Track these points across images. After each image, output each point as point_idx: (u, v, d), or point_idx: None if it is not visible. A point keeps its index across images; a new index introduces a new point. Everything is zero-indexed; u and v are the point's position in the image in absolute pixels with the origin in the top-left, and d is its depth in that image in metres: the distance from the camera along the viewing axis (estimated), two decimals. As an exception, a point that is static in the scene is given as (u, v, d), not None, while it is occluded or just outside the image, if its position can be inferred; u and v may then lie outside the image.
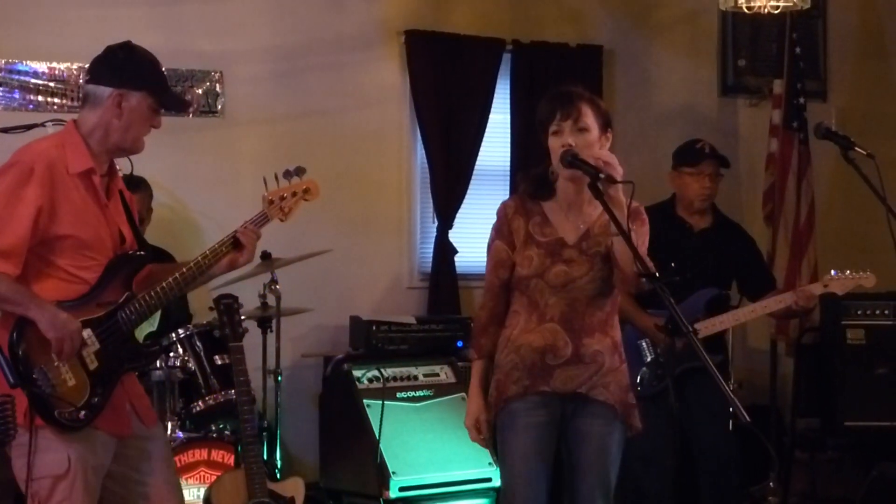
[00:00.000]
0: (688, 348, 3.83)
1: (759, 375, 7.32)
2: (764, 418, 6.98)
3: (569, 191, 4.16)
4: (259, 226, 4.21)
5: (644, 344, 5.65)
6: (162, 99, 4.02)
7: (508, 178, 7.25)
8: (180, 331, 5.62)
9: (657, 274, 3.80)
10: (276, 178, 4.28)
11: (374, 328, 6.51)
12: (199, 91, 6.74)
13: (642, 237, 4.18)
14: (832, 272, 5.60)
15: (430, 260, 7.19)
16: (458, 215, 7.16)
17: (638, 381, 5.49)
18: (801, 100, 7.32)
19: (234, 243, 4.13)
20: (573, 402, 4.20)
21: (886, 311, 6.49)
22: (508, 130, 7.34)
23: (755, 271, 5.95)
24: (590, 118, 4.13)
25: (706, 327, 5.50)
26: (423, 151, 7.16)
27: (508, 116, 7.36)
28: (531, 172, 4.28)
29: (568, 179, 4.12)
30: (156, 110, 3.99)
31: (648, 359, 5.64)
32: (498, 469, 5.57)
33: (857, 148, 4.59)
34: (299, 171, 4.34)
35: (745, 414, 3.50)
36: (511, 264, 4.21)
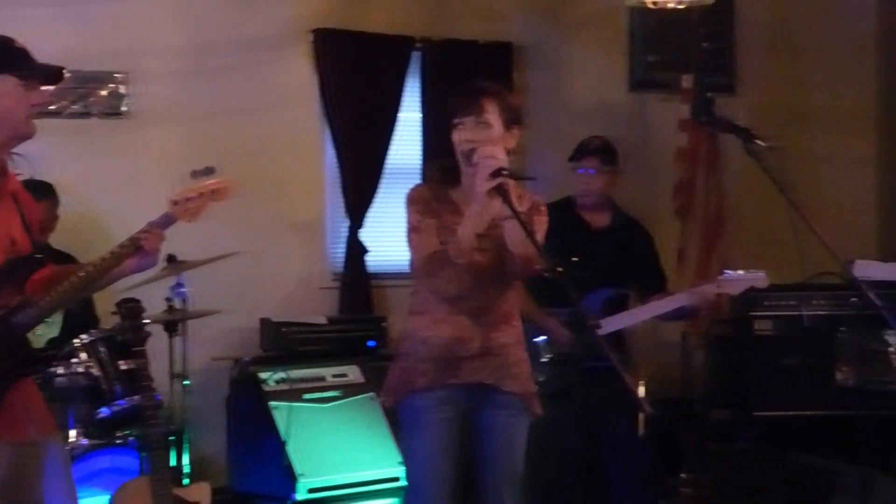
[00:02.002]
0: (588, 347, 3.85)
1: (670, 368, 7.28)
2: (676, 411, 6.98)
3: (476, 183, 4.07)
4: (163, 227, 4.12)
5: (541, 343, 5.60)
6: (27, 73, 3.87)
7: (420, 176, 7.20)
8: (83, 336, 5.50)
9: (559, 268, 3.73)
10: (189, 177, 4.20)
11: (284, 329, 6.46)
12: (104, 93, 6.64)
13: (537, 227, 4.18)
14: (725, 273, 5.58)
15: (342, 260, 7.14)
16: (368, 214, 7.12)
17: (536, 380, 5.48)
18: (710, 94, 7.28)
19: (137, 245, 4.03)
20: (480, 394, 4.20)
21: (793, 302, 6.54)
22: (419, 128, 7.31)
23: (649, 270, 5.91)
24: (492, 114, 4.13)
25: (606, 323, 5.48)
26: (334, 150, 7.11)
27: (419, 114, 7.31)
28: (439, 162, 4.30)
29: (472, 176, 4.07)
30: (27, 87, 3.85)
31: (545, 358, 5.58)
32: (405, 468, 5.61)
33: (757, 140, 4.58)
34: (208, 172, 4.27)
35: (646, 406, 3.48)
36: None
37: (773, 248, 6.06)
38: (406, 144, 7.32)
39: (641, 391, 6.61)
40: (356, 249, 7.10)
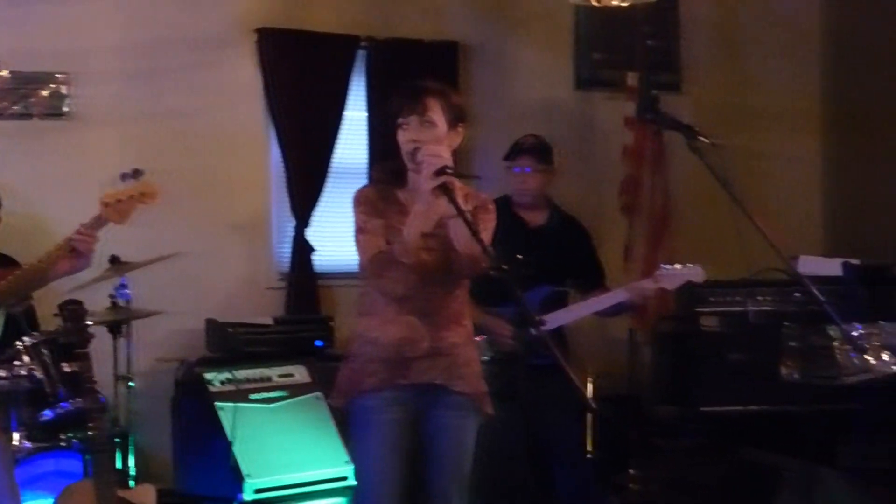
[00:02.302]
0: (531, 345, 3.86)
1: (618, 365, 7.33)
2: (624, 408, 7.01)
3: (421, 182, 4.08)
4: (94, 229, 4.11)
5: (481, 342, 5.52)
6: None
7: (366, 175, 7.12)
8: (25, 339, 5.43)
9: (504, 266, 3.75)
10: (119, 180, 4.27)
11: (230, 330, 6.44)
12: (45, 93, 6.57)
13: (484, 224, 4.19)
14: (664, 267, 5.64)
15: (288, 259, 7.11)
16: (315, 213, 7.10)
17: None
18: (655, 92, 7.32)
19: (70, 247, 4.01)
20: (430, 394, 4.20)
21: (738, 298, 6.54)
22: (365, 128, 7.28)
23: (586, 267, 5.95)
24: (437, 113, 4.13)
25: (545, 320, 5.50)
26: (279, 150, 7.09)
27: (365, 113, 7.29)
28: (386, 163, 4.27)
29: (417, 172, 4.08)
30: None
31: (486, 357, 5.52)
32: (353, 468, 5.55)
33: (701, 137, 4.60)
34: (136, 174, 4.25)
35: (592, 403, 3.49)
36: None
37: (718, 245, 6.09)
38: (352, 143, 7.29)
39: (588, 389, 6.66)
40: (302, 249, 7.07)
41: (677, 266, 5.63)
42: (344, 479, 5.82)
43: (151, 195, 4.23)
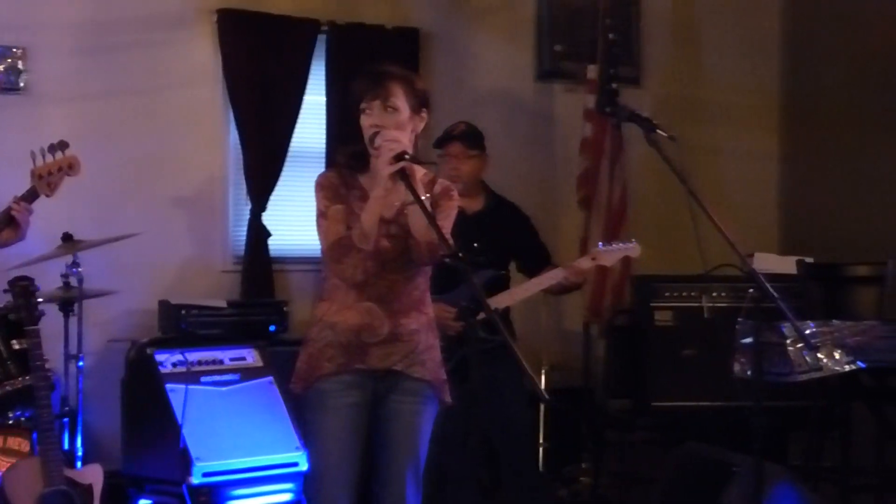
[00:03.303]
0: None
1: (572, 358, 7.35)
2: (577, 400, 7.04)
3: (379, 168, 4.05)
4: (28, 201, 4.11)
5: None
6: None
7: (324, 160, 7.13)
8: (-27, 315, 5.39)
9: (460, 254, 3.76)
10: (43, 153, 4.36)
11: (183, 312, 6.38)
12: (1, 67, 6.48)
13: (446, 211, 4.20)
14: (599, 244, 5.70)
15: (244, 243, 7.05)
16: (272, 198, 7.04)
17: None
18: (615, 85, 7.32)
19: (9, 217, 4.03)
20: (388, 380, 4.19)
21: (693, 293, 6.58)
22: (324, 112, 7.23)
23: (530, 249, 5.98)
24: (400, 98, 4.11)
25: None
26: (237, 133, 7.03)
27: (324, 98, 7.24)
28: (348, 148, 4.24)
29: (377, 158, 4.04)
30: None
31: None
32: (305, 454, 5.56)
33: (658, 131, 4.60)
34: (62, 146, 4.24)
35: (544, 393, 3.48)
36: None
37: (674, 240, 6.15)
38: (310, 128, 7.24)
39: (542, 380, 6.66)
40: (258, 233, 7.01)
41: (613, 243, 5.69)
42: (295, 465, 5.79)
43: (76, 167, 4.21)
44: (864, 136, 7.93)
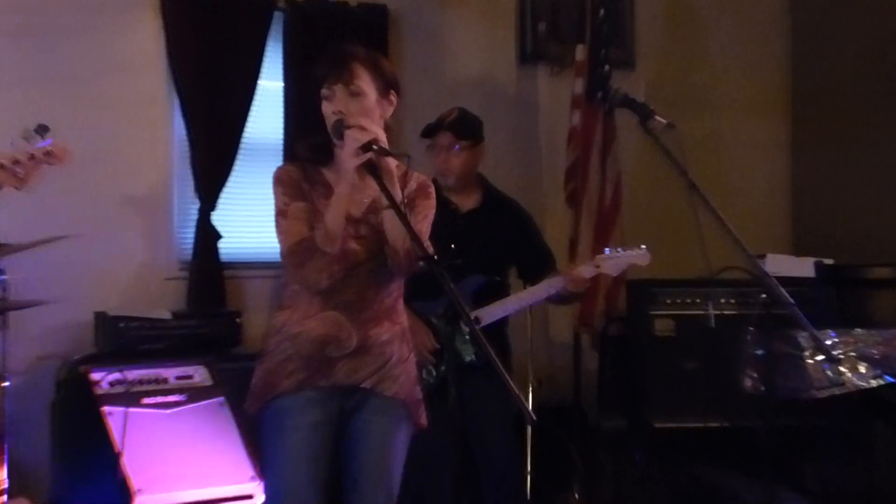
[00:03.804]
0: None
1: (562, 372, 7.32)
2: (568, 419, 7.00)
3: (344, 159, 4.02)
4: None
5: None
6: None
7: (282, 153, 7.08)
8: None
9: (436, 257, 3.73)
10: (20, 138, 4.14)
11: (122, 325, 6.31)
12: (-76, 51, 6.45)
13: (424, 212, 4.19)
14: (605, 251, 5.59)
15: (191, 246, 6.98)
16: (222, 196, 6.97)
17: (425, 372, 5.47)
18: (606, 68, 7.26)
19: None
20: (355, 398, 4.16)
21: (697, 300, 6.55)
22: (282, 99, 7.18)
23: (531, 253, 5.92)
24: (365, 81, 4.09)
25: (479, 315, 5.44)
26: (183, 123, 6.95)
27: (282, 84, 7.19)
28: (309, 138, 4.21)
29: (341, 148, 4.00)
30: None
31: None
32: (261, 484, 5.39)
33: (656, 118, 4.54)
34: (41, 131, 4.11)
35: (531, 414, 3.42)
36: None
37: (674, 240, 6.15)
38: (266, 117, 7.18)
39: (528, 397, 6.58)
40: (208, 235, 6.93)
41: (619, 250, 5.59)
42: (249, 497, 5.72)
43: (62, 155, 4.05)
44: (886, 124, 7.87)
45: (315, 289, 4.09)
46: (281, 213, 4.13)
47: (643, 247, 5.58)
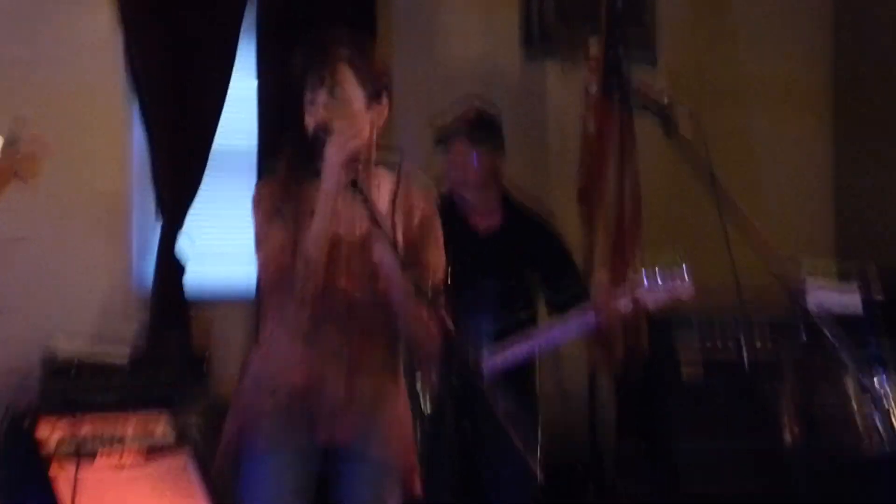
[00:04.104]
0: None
1: (575, 425, 7.16)
2: (580, 481, 6.90)
3: (325, 177, 4.03)
4: None
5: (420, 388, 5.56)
6: None
7: (256, 163, 7.02)
8: None
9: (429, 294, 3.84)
10: None
11: (71, 370, 6.23)
12: None
13: (433, 238, 4.22)
14: (644, 281, 5.54)
15: (152, 275, 6.91)
16: (189, 213, 6.91)
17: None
18: (624, 62, 7.12)
19: None
20: (339, 461, 4.14)
21: (728, 341, 6.52)
22: (255, 99, 7.13)
23: (558, 280, 5.89)
24: (351, 84, 4.08)
25: (493, 360, 5.47)
26: (142, 128, 6.90)
27: (255, 82, 7.14)
28: (293, 149, 4.19)
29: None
30: None
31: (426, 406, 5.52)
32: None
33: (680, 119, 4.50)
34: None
35: (538, 472, 3.43)
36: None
37: (700, 262, 5.97)
38: (238, 120, 7.12)
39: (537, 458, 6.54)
40: (171, 261, 6.88)
41: (659, 275, 5.54)
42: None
43: (32, 167, 4.03)
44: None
45: (294, 328, 4.06)
46: (258, 240, 4.11)
47: (685, 276, 5.51)
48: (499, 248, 5.76)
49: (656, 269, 5.54)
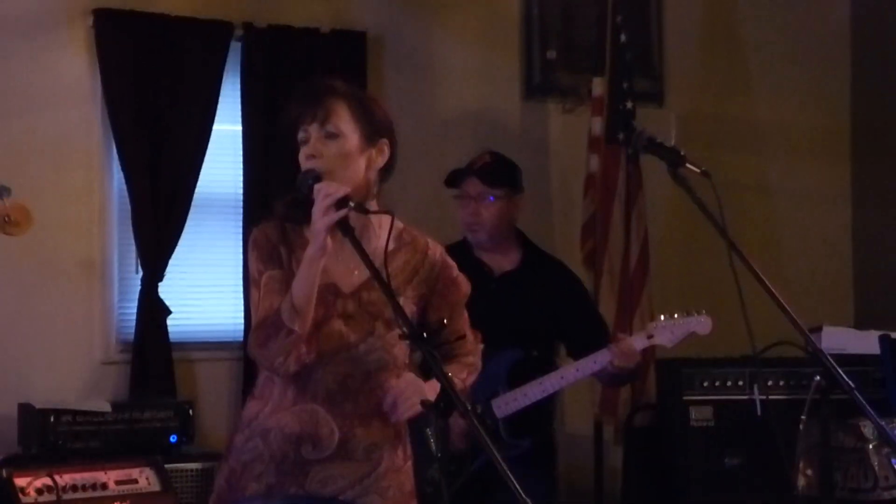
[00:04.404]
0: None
1: (580, 470, 7.33)
2: None
3: (315, 218, 3.98)
4: None
5: (430, 432, 5.57)
6: None
7: (241, 209, 7.16)
8: None
9: (424, 335, 3.72)
10: None
11: (52, 419, 6.32)
12: None
13: (454, 297, 4.30)
14: (660, 317, 5.66)
15: (134, 323, 7.01)
16: (171, 261, 7.01)
17: (427, 480, 5.48)
18: (630, 104, 7.38)
19: None
20: None
21: (740, 382, 6.57)
22: (240, 144, 7.24)
23: (579, 323, 5.95)
24: (344, 121, 4.07)
25: (505, 403, 5.59)
26: (122, 174, 7.02)
27: (240, 127, 7.25)
28: (291, 196, 4.16)
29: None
30: None
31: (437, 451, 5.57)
32: None
33: (689, 165, 4.58)
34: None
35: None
36: None
37: (710, 309, 6.06)
38: (222, 166, 7.27)
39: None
40: (153, 309, 6.98)
41: (675, 316, 5.63)
42: None
43: (21, 222, 4.15)
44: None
45: (280, 374, 4.07)
46: (254, 283, 4.13)
47: (703, 313, 5.62)
48: (515, 289, 5.85)
49: (674, 313, 5.65)
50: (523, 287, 5.89)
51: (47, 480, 5.87)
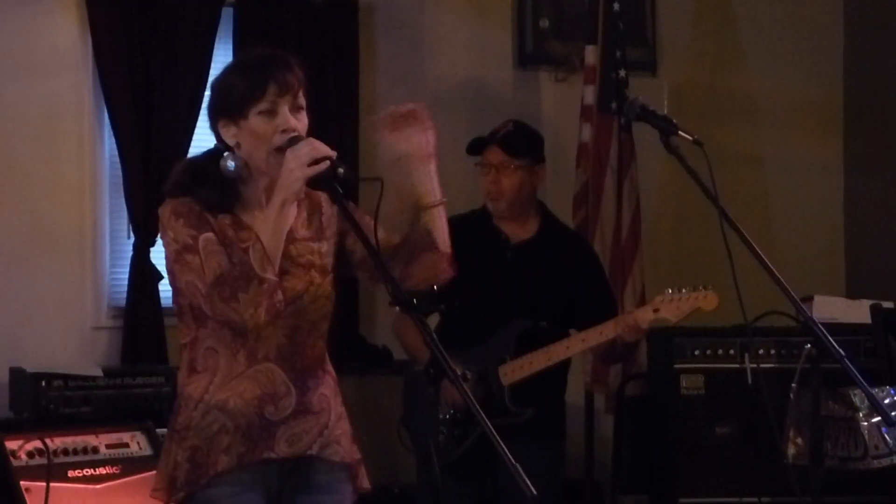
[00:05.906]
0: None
1: (572, 439, 7.09)
2: (578, 497, 7.03)
3: (262, 184, 4.05)
4: None
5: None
6: None
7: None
8: None
9: (413, 301, 3.75)
10: None
11: (43, 384, 6.35)
12: None
13: (357, 214, 4.13)
14: (667, 291, 5.63)
15: (125, 289, 7.06)
16: None
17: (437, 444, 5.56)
18: (623, 73, 7.39)
19: None
20: (297, 474, 4.12)
21: (731, 351, 6.60)
22: None
23: (590, 295, 5.95)
24: (302, 95, 4.06)
25: (511, 371, 5.60)
26: (114, 141, 7.07)
27: None
28: (207, 179, 4.09)
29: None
30: None
31: (444, 415, 5.64)
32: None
33: (682, 133, 4.60)
34: None
35: (530, 487, 3.45)
36: None
37: (702, 279, 5.99)
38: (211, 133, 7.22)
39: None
40: (145, 274, 7.03)
41: (682, 290, 5.62)
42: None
43: None
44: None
45: (252, 325, 3.96)
46: (188, 249, 3.99)
47: (710, 287, 5.58)
48: (527, 258, 5.84)
49: (681, 288, 5.61)
50: (538, 257, 5.88)
51: (38, 444, 5.83)
